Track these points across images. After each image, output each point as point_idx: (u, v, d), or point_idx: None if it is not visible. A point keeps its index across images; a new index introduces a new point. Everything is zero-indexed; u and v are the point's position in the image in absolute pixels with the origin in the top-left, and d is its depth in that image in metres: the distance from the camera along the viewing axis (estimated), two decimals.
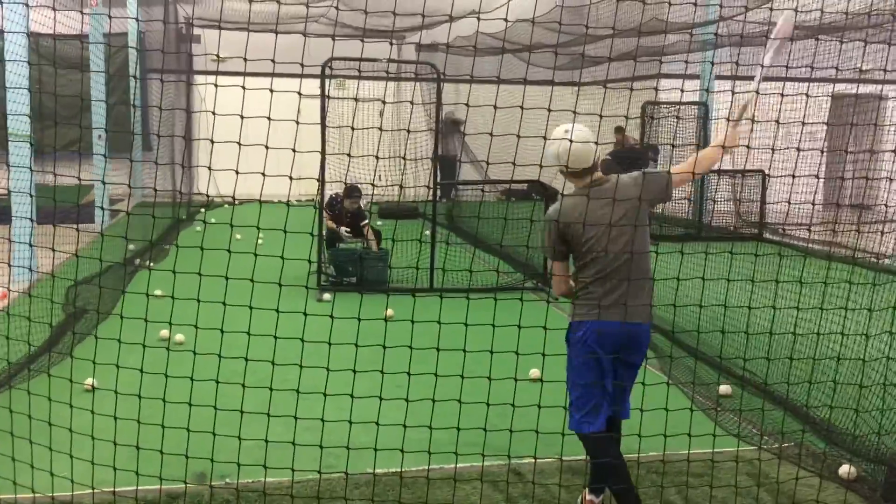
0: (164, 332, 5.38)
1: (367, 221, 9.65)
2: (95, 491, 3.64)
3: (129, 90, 13.97)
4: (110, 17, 8.35)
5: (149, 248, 9.08)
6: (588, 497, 3.76)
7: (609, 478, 3.56)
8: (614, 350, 3.42)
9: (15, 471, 3.67)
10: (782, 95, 3.97)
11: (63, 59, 10.77)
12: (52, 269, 4.25)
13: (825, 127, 5.13)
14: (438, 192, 11.89)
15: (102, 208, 8.94)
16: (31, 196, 7.21)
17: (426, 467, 3.76)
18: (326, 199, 9.44)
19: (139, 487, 3.67)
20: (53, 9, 3.35)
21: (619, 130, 13.76)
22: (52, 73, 4.10)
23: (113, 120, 14.34)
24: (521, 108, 3.41)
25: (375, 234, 9.70)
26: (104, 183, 7.26)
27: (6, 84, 7.52)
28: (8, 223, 8.03)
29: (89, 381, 4.76)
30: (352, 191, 9.44)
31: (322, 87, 8.35)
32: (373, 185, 9.08)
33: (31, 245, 5.11)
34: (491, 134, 3.45)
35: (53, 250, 3.71)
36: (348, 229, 9.60)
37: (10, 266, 4.02)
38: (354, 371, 3.38)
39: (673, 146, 12.39)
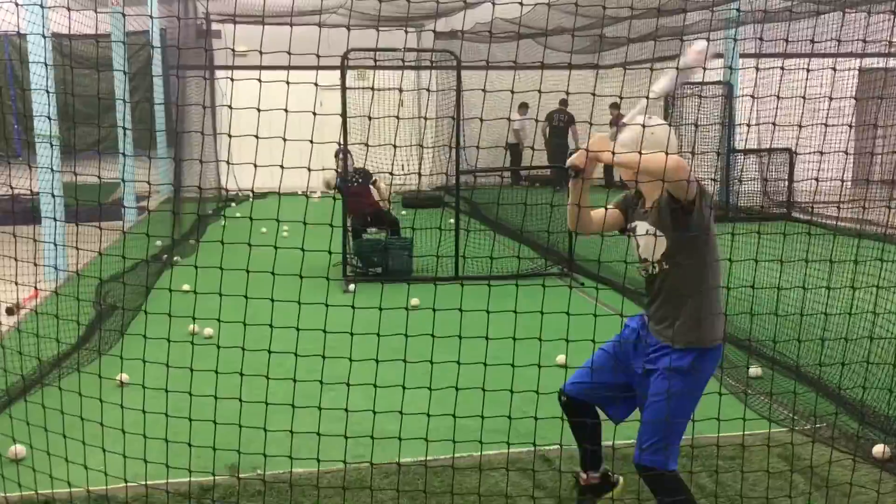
0: (195, 327, 5.44)
1: (374, 179, 9.64)
2: (129, 484, 3.71)
3: (152, 88, 14.09)
4: (124, 14, 8.39)
5: (175, 243, 9.17)
6: None
7: None
8: None
9: (51, 466, 3.74)
10: (808, 70, 3.88)
11: (86, 60, 10.89)
12: (81, 268, 4.30)
13: (853, 102, 5.02)
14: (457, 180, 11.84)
15: (123, 206, 9.04)
16: (54, 196, 7.30)
17: (452, 456, 3.77)
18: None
19: (170, 480, 3.72)
20: (68, 9, 3.39)
21: (615, 107, 13.73)
22: (77, 73, 4.13)
23: (137, 118, 14.48)
24: (539, 91, 3.37)
25: (393, 223, 9.68)
26: (123, 181, 7.34)
27: (31, 86, 7.62)
28: (38, 223, 8.16)
29: (122, 376, 4.83)
30: (337, 153, 8.92)
31: (342, 77, 8.35)
32: (391, 174, 9.05)
33: (58, 245, 5.19)
34: (509, 119, 3.42)
35: (77, 248, 3.76)
36: (368, 219, 9.50)
37: (35, 265, 4.07)
38: (377, 360, 3.38)
39: (697, 126, 12.24)
